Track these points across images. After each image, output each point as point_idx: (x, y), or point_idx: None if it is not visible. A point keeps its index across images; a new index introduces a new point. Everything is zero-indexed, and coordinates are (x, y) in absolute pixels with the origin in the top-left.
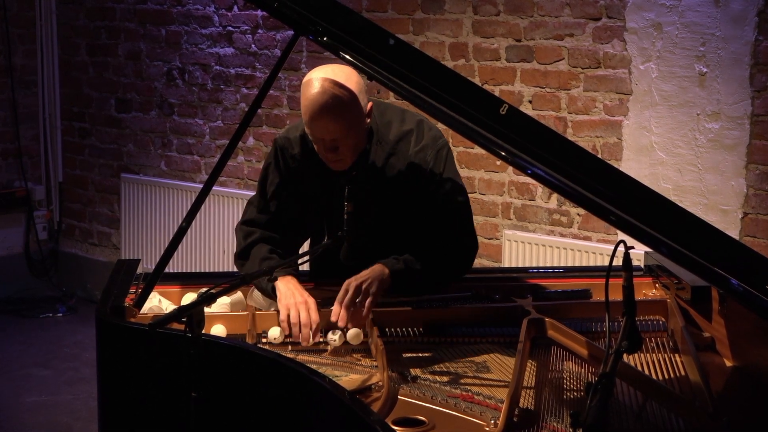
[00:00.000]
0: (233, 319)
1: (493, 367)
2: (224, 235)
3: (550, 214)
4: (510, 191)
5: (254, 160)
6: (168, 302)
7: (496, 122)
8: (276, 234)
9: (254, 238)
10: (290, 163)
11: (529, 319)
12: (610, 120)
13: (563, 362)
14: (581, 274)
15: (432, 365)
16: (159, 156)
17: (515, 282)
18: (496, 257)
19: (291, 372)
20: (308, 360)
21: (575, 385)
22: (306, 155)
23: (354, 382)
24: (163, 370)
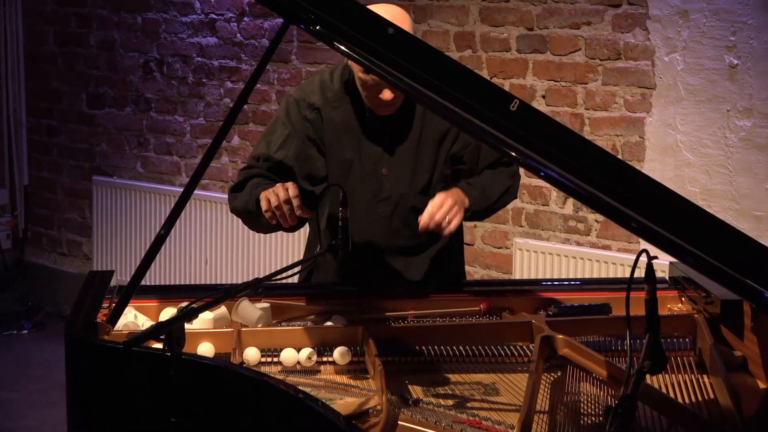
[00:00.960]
0: (217, 336)
1: (503, 389)
2: (206, 244)
3: (566, 221)
4: (521, 195)
5: (239, 161)
6: (145, 318)
7: (505, 119)
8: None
9: (253, 173)
10: (307, 113)
11: (542, 337)
12: (631, 117)
13: (580, 384)
14: (600, 286)
15: (436, 387)
16: (135, 156)
17: (527, 295)
18: (505, 268)
19: (280, 395)
20: (299, 382)
21: (593, 409)
22: (328, 103)
23: (350, 405)
24: (139, 394)
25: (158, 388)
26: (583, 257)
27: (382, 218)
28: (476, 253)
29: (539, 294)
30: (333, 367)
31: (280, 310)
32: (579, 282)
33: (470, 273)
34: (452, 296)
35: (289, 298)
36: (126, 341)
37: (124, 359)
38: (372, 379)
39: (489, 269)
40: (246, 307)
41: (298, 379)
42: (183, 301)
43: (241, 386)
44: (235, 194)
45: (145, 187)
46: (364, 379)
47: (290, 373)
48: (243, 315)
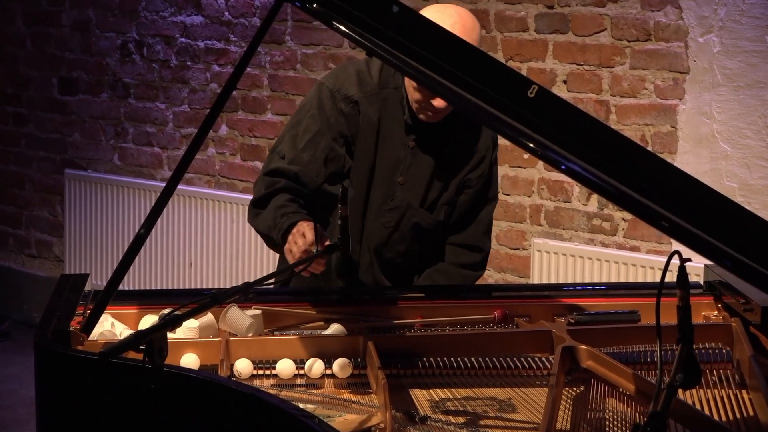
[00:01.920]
0: (203, 346)
1: (520, 406)
2: (191, 245)
3: (589, 219)
4: (540, 191)
5: (227, 153)
6: (123, 326)
7: (523, 107)
8: (304, 189)
9: (277, 187)
10: (343, 106)
11: (563, 347)
12: (662, 104)
13: (605, 399)
14: (627, 292)
15: (445, 403)
16: (111, 148)
17: (546, 302)
18: (523, 271)
19: (273, 411)
20: (294, 397)
21: (619, 428)
22: (366, 97)
23: (350, 423)
24: (117, 410)
25: (138, 404)
26: (609, 259)
27: (384, 228)
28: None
29: (560, 300)
30: (332, 380)
31: (272, 318)
32: (604, 287)
33: (484, 277)
34: (463, 303)
35: (282, 304)
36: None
37: (100, 372)
38: (375, 394)
39: (504, 273)
40: (235, 315)
41: (292, 394)
42: (165, 308)
43: (231, 402)
44: (257, 210)
45: (123, 182)
46: (365, 394)
47: (283, 387)
48: (232, 323)
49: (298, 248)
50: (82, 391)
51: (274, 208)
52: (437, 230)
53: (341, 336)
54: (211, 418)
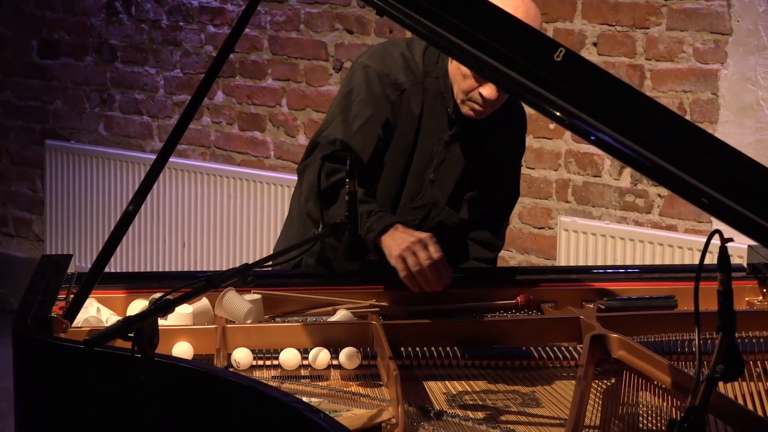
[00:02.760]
0: (197, 334)
1: (544, 400)
2: (184, 223)
3: (622, 196)
4: (568, 164)
5: (224, 122)
6: (109, 312)
7: (548, 72)
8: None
9: (340, 177)
10: (390, 93)
11: (592, 336)
12: (702, 69)
13: (638, 393)
14: (663, 275)
15: (463, 397)
16: (96, 117)
17: (574, 285)
18: (548, 252)
19: (274, 405)
20: (297, 389)
21: (654, 424)
22: (413, 86)
23: (358, 418)
24: (103, 404)
25: (126, 396)
26: (643, 239)
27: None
28: (512, 234)
29: (589, 284)
30: (339, 371)
31: (273, 303)
32: (638, 269)
33: (505, 259)
34: (483, 288)
35: (284, 288)
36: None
37: (85, 362)
38: (385, 387)
39: (528, 254)
40: (232, 300)
41: (295, 386)
42: (156, 292)
43: (228, 395)
44: (324, 204)
45: (110, 154)
46: (375, 386)
47: (286, 379)
48: (229, 309)
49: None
50: (65, 383)
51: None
52: (460, 228)
53: (349, 323)
54: (207, 413)
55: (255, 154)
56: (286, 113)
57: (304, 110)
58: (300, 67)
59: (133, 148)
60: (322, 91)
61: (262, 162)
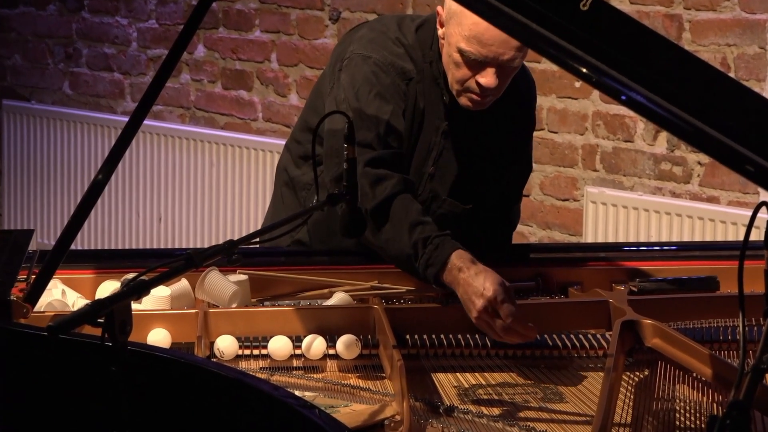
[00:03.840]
0: (176, 320)
1: (569, 394)
2: (161, 194)
3: (657, 163)
4: (596, 128)
5: (205, 80)
6: (76, 295)
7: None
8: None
9: (391, 188)
10: (399, 82)
11: (623, 322)
12: (748, 20)
13: (675, 386)
14: (703, 253)
15: (476, 391)
16: (61, 74)
17: (602, 265)
18: (574, 227)
19: (263, 400)
20: (289, 382)
21: (692, 421)
22: (417, 73)
23: (358, 415)
24: (68, 397)
25: (94, 389)
26: (681, 213)
27: None
28: (533, 207)
29: (619, 263)
30: (336, 362)
31: (262, 285)
32: (675, 247)
33: (525, 235)
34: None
35: (274, 268)
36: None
37: (49, 351)
38: (389, 380)
39: (550, 229)
40: (216, 281)
41: (287, 378)
42: (129, 272)
43: (210, 388)
44: (374, 225)
45: (76, 116)
46: (377, 379)
47: (276, 370)
48: (211, 291)
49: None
50: (27, 374)
51: (404, 225)
52: (466, 218)
53: (347, 307)
54: (186, 408)
55: (240, 116)
56: (276, 70)
57: (296, 66)
58: (292, 18)
59: (102, 110)
60: (317, 44)
61: (249, 125)
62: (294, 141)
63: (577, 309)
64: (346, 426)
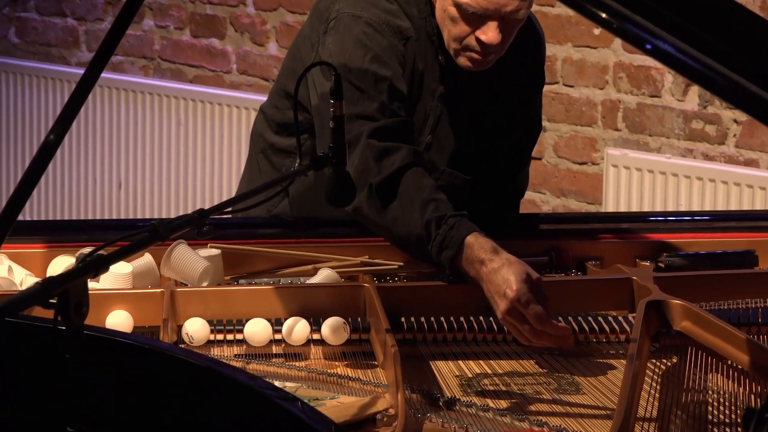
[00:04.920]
0: (138, 300)
1: (586, 385)
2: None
3: (687, 122)
4: (617, 81)
5: (172, 27)
6: (25, 272)
7: None
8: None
9: (400, 161)
10: (396, 42)
11: (648, 302)
12: None
13: (707, 375)
14: (739, 224)
15: (481, 381)
16: (6, 20)
17: (625, 238)
18: (592, 195)
19: (238, 391)
20: (268, 371)
21: (727, 415)
22: (415, 31)
23: (346, 408)
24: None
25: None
26: (715, 178)
27: None
28: (546, 172)
29: (644, 235)
30: (321, 348)
31: (237, 261)
32: (708, 217)
33: (536, 203)
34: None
35: (251, 241)
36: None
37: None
38: (381, 369)
39: (566, 197)
40: (184, 256)
41: (266, 367)
42: (85, 246)
43: (178, 378)
44: (379, 202)
45: (23, 68)
46: (368, 367)
47: (253, 358)
48: (179, 267)
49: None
50: None
51: (416, 203)
52: (468, 188)
53: (334, 286)
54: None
55: (212, 67)
56: (253, 15)
57: (276, 11)
58: None
59: (54, 61)
60: None
61: (222, 78)
62: (272, 106)
63: (595, 288)
64: (333, 421)
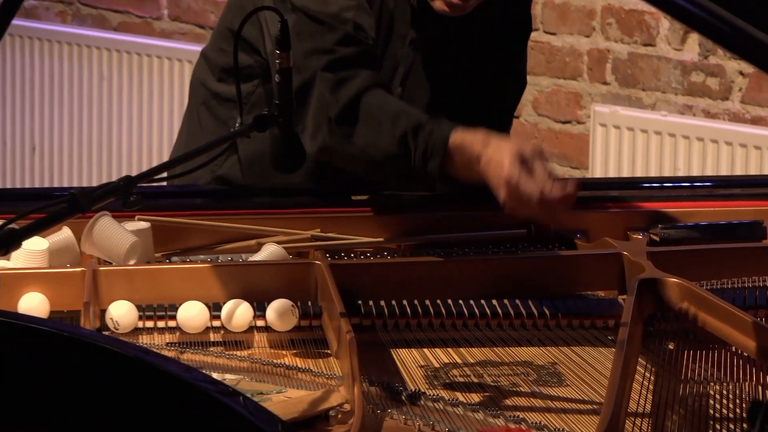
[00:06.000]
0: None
1: (569, 374)
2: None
3: (685, 74)
4: (606, 28)
5: None
6: None
7: None
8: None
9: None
10: None
11: (641, 281)
12: None
13: (708, 364)
14: (745, 191)
15: (450, 372)
16: None
17: (615, 207)
18: (578, 158)
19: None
20: (205, 362)
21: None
22: None
23: (295, 404)
24: None
25: None
26: (717, 139)
27: None
28: (524, 131)
29: (636, 204)
30: (266, 335)
31: (169, 236)
32: (710, 183)
33: None
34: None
35: (186, 213)
36: None
37: None
38: (335, 358)
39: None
40: (108, 230)
41: (203, 357)
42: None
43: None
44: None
45: None
46: (320, 357)
47: (188, 346)
48: (103, 243)
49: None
50: None
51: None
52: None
53: (281, 264)
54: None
55: (139, 13)
56: None
57: None
58: None
59: None
60: None
61: (151, 26)
62: (215, 49)
63: (580, 265)
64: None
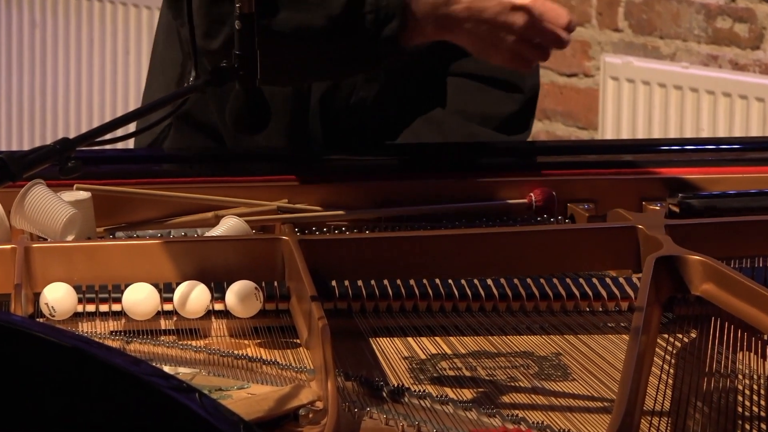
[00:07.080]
0: None
1: (576, 368)
2: None
3: (710, 19)
4: None
5: None
6: None
7: None
8: None
9: None
10: None
11: (658, 258)
12: None
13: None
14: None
15: (438, 364)
16: None
17: (628, 173)
18: (585, 116)
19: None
20: (156, 353)
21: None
22: None
23: (260, 401)
24: None
25: None
26: (746, 94)
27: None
28: None
29: (653, 170)
30: (226, 322)
31: (113, 207)
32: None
33: None
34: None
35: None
36: None
37: None
38: (306, 348)
39: (549, 120)
40: (42, 201)
41: (153, 348)
42: None
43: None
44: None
45: None
46: (289, 347)
47: (136, 336)
48: (36, 216)
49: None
50: None
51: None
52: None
53: (243, 239)
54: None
55: None
56: None
57: None
58: None
59: None
60: None
61: None
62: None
63: (589, 240)
64: (242, 418)
